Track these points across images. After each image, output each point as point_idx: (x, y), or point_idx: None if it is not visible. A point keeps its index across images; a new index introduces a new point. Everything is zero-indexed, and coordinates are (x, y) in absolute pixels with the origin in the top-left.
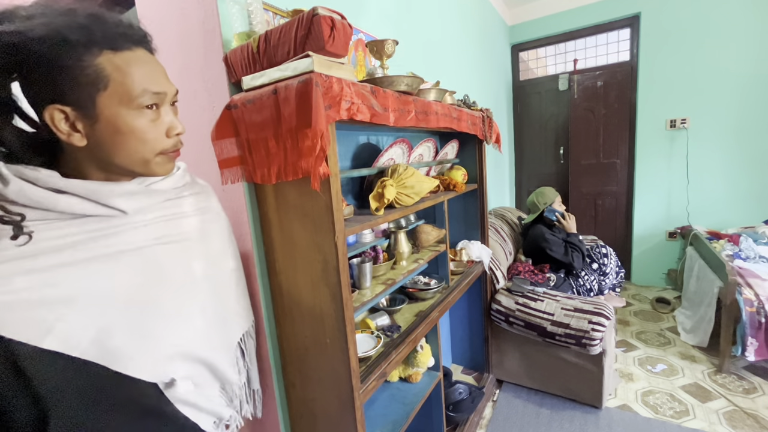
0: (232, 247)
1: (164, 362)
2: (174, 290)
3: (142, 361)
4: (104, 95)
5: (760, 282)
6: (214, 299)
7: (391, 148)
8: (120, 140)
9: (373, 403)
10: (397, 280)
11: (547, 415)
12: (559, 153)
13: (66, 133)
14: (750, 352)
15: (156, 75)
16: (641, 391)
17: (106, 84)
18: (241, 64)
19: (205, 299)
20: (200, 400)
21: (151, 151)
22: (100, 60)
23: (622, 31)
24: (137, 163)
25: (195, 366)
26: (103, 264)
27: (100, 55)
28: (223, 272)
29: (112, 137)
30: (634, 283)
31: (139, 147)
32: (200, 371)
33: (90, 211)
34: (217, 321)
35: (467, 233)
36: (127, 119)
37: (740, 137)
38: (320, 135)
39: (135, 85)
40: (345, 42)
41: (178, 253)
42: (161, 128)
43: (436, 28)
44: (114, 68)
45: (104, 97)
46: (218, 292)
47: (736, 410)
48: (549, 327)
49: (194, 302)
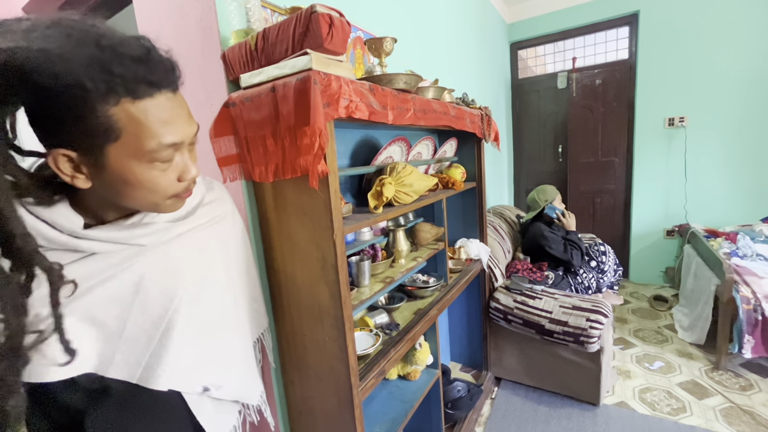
0: (247, 249)
1: (192, 374)
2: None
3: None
4: (114, 146)
5: (757, 280)
6: (235, 303)
7: (389, 146)
8: (127, 189)
9: (372, 401)
10: (396, 278)
11: (545, 413)
12: (558, 151)
13: (69, 175)
14: (747, 350)
15: (175, 123)
16: (639, 388)
17: (117, 136)
18: (239, 61)
19: (228, 305)
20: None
21: (161, 197)
22: (115, 110)
23: (621, 29)
24: (145, 207)
25: (219, 376)
26: (133, 293)
27: (117, 104)
28: (241, 276)
29: (118, 186)
30: (632, 280)
31: (147, 195)
32: (224, 380)
33: (113, 249)
34: (238, 326)
35: (466, 231)
36: (136, 171)
37: (738, 135)
38: (318, 133)
39: (149, 141)
40: (343, 40)
41: (198, 266)
42: (173, 175)
43: (435, 25)
44: (129, 119)
45: (114, 148)
46: (237, 295)
47: (733, 407)
48: (547, 325)
49: (216, 310)
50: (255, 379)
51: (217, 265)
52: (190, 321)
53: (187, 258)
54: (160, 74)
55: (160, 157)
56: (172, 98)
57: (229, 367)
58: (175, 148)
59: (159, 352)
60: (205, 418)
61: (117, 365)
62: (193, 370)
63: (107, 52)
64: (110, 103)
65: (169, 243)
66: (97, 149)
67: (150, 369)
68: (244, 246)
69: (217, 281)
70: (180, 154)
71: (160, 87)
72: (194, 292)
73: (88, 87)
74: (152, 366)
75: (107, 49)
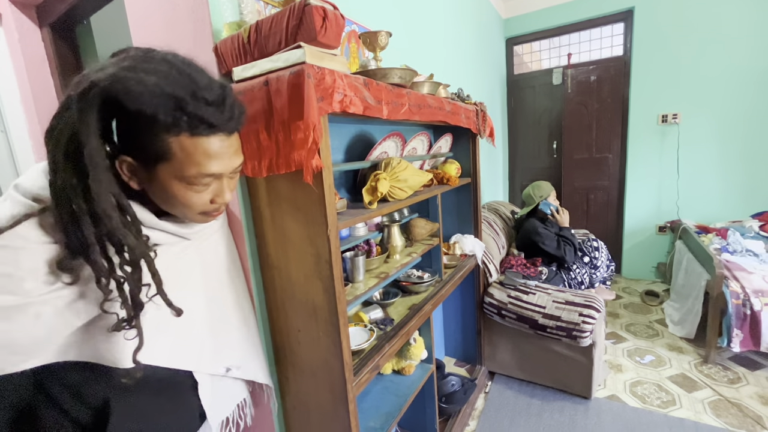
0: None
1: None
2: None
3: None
4: (163, 165)
5: (746, 275)
6: (237, 295)
7: (384, 142)
8: (166, 198)
9: (367, 396)
10: (391, 273)
11: (538, 406)
12: (553, 147)
13: (127, 176)
14: (735, 344)
15: (219, 159)
16: (629, 381)
17: (169, 159)
18: (231, 54)
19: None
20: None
21: (192, 212)
22: (173, 140)
23: (616, 25)
24: (179, 215)
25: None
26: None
27: (176, 135)
28: (239, 272)
29: (161, 194)
30: (625, 276)
31: (181, 208)
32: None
33: (173, 241)
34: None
35: (460, 227)
36: (175, 189)
37: (730, 132)
38: (312, 127)
39: (192, 169)
40: (337, 33)
41: (215, 260)
42: (207, 196)
43: (431, 19)
44: (180, 149)
45: (163, 167)
46: (239, 288)
47: (721, 399)
48: (540, 320)
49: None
50: (264, 362)
51: (225, 262)
52: (212, 308)
53: (211, 252)
54: (224, 120)
55: (198, 182)
56: (224, 139)
57: (245, 350)
58: (214, 177)
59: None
60: (207, 402)
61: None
62: (215, 353)
63: (188, 94)
64: (171, 133)
65: (201, 239)
66: (150, 164)
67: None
68: (233, 249)
69: (228, 275)
70: (218, 182)
71: (217, 131)
72: (216, 283)
73: (160, 119)
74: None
75: (192, 92)
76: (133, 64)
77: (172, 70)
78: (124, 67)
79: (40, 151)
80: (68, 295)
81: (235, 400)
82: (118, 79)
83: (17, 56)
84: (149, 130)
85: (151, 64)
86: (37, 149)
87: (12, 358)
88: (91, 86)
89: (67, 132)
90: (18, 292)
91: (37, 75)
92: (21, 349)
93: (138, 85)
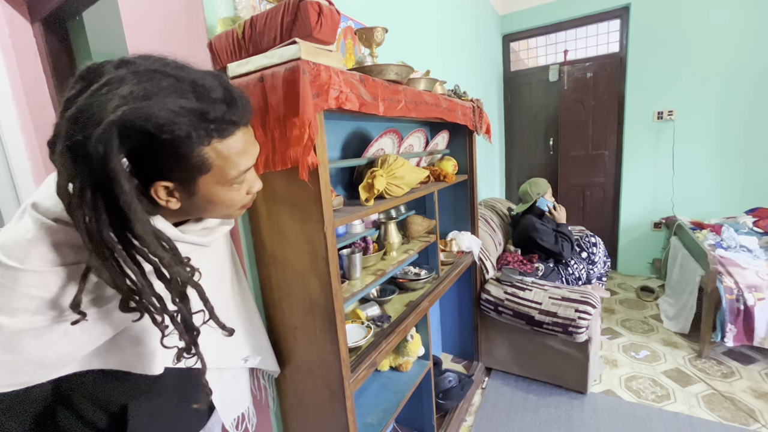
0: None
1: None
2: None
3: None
4: (205, 177)
5: (740, 270)
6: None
7: (381, 138)
8: (210, 206)
9: (364, 392)
10: (387, 270)
11: (535, 401)
12: (549, 144)
13: (164, 200)
14: (729, 338)
15: (249, 152)
16: (625, 376)
17: (208, 169)
18: (226, 50)
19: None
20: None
21: (234, 209)
22: (207, 150)
23: (612, 22)
24: (221, 217)
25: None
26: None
27: (209, 145)
28: (239, 270)
29: (205, 205)
30: (620, 272)
31: (225, 209)
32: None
33: (191, 250)
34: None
35: (457, 224)
36: (220, 194)
37: (724, 129)
38: (308, 124)
39: (233, 170)
40: (333, 29)
41: (222, 257)
42: (244, 190)
43: (427, 16)
44: (217, 155)
45: (204, 178)
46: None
47: (715, 393)
48: (537, 316)
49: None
50: (273, 354)
51: (229, 260)
52: (227, 306)
53: (219, 251)
54: (240, 113)
55: (239, 181)
56: (246, 131)
57: (257, 343)
58: (248, 172)
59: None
60: (218, 401)
61: None
62: (234, 347)
63: (203, 101)
64: (204, 144)
65: (213, 242)
66: (191, 180)
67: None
68: (233, 247)
69: (233, 274)
70: (250, 172)
71: (239, 125)
72: (226, 282)
73: (193, 136)
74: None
75: (202, 97)
76: (137, 90)
77: (178, 81)
78: (135, 96)
79: (32, 147)
80: (95, 312)
81: (242, 402)
82: (137, 112)
83: (8, 52)
84: (183, 150)
85: (154, 82)
86: (29, 145)
87: (41, 372)
88: (109, 127)
89: (89, 182)
90: (47, 314)
91: (28, 71)
92: (50, 363)
93: (161, 112)
